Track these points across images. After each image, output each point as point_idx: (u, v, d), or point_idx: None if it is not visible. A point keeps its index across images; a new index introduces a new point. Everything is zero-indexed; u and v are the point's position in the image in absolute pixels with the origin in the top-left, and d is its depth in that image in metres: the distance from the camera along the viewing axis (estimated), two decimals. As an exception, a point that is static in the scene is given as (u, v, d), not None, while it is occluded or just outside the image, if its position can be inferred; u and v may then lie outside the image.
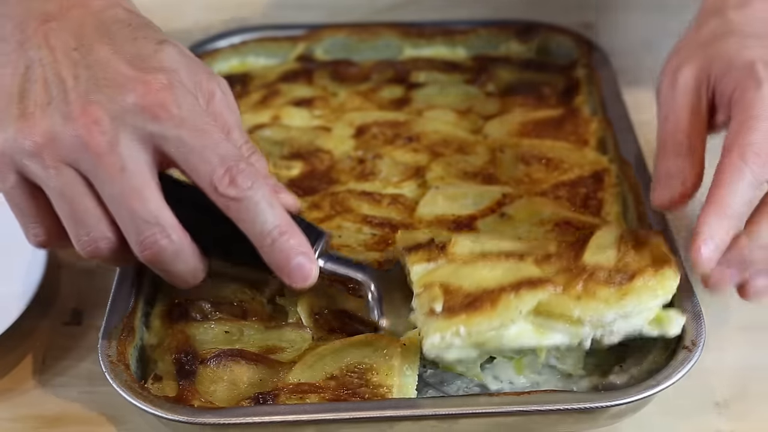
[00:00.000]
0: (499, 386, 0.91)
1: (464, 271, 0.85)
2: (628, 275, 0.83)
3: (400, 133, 1.12)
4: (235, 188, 0.79)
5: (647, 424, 0.89)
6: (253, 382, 0.85)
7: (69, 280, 1.06)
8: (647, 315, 0.84)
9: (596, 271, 0.84)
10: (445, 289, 0.83)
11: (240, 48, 1.27)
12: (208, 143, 0.80)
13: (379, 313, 0.88)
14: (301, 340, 0.89)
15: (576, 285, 0.83)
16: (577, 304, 0.82)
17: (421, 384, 0.91)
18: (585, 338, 0.83)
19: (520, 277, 0.83)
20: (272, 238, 0.81)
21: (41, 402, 0.93)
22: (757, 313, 1.00)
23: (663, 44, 1.38)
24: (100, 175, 0.79)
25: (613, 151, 1.08)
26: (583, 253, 0.86)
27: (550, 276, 0.84)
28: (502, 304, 0.81)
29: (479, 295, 0.82)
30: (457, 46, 1.28)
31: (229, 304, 0.93)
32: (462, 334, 0.80)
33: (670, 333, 0.84)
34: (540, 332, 0.83)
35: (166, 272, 0.84)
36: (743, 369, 0.95)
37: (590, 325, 0.82)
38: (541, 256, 0.87)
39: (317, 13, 1.40)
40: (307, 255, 0.83)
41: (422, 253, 0.88)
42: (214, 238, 0.84)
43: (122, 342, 0.86)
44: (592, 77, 1.19)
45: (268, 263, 0.83)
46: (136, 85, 0.80)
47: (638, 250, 0.86)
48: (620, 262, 0.85)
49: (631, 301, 0.82)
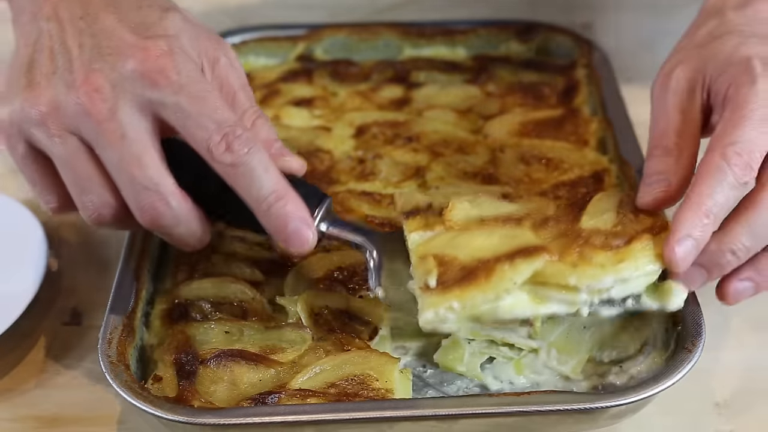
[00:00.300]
0: (499, 386, 0.91)
1: (460, 240, 0.84)
2: (625, 239, 0.81)
3: (400, 133, 1.12)
4: (231, 154, 0.80)
5: (647, 424, 0.89)
6: (253, 382, 0.85)
7: (69, 280, 1.06)
8: (646, 281, 0.81)
9: (593, 236, 0.82)
10: (440, 261, 0.81)
11: (240, 48, 1.27)
12: (205, 109, 0.81)
13: (376, 281, 0.87)
14: (301, 340, 0.89)
15: (572, 251, 0.80)
16: (573, 271, 0.80)
17: (421, 384, 0.91)
18: (582, 306, 0.81)
19: (516, 246, 0.81)
20: (268, 204, 0.81)
21: (41, 402, 0.93)
22: (757, 314, 1.00)
23: (662, 44, 1.38)
24: (101, 141, 0.80)
25: (613, 151, 1.08)
26: (581, 216, 0.85)
27: (547, 242, 0.82)
28: (497, 276, 0.79)
29: (474, 267, 0.80)
30: (457, 46, 1.28)
31: (229, 304, 0.93)
32: (456, 309, 0.79)
33: (670, 306, 0.82)
34: (536, 301, 0.81)
35: (168, 236, 0.85)
36: (743, 369, 0.95)
37: (587, 291, 0.81)
38: (539, 220, 0.85)
39: (317, 13, 1.40)
40: (304, 220, 0.82)
41: (420, 219, 0.87)
42: (218, 202, 0.84)
43: (122, 342, 0.86)
44: (592, 77, 1.19)
45: (266, 228, 0.83)
46: (136, 52, 0.81)
47: (637, 215, 0.84)
48: (618, 225, 0.83)
49: (628, 265, 0.80)
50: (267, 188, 0.81)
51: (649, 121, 0.90)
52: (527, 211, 0.87)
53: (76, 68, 0.81)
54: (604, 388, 0.89)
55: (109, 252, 1.09)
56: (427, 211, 0.88)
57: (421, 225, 0.86)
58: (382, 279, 0.87)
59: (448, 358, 0.92)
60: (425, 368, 0.93)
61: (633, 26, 1.42)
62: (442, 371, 0.93)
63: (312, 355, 0.87)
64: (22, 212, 1.07)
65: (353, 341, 0.88)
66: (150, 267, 0.95)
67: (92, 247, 1.10)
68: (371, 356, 0.86)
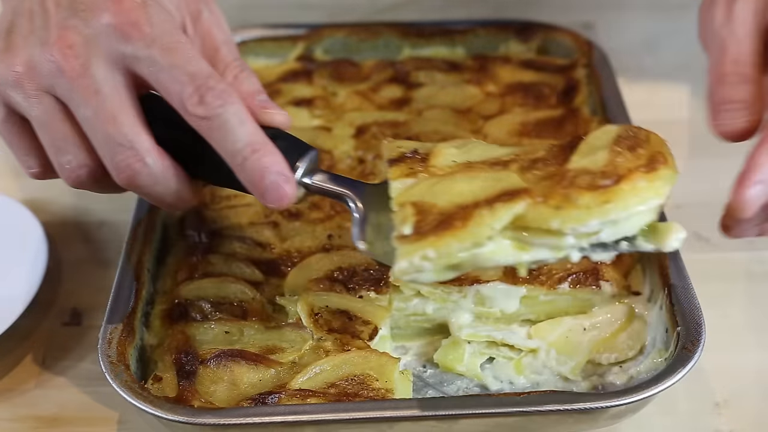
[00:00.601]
0: (499, 386, 0.91)
1: (441, 186, 0.79)
2: (614, 178, 0.75)
3: (400, 133, 1.12)
4: (204, 107, 0.78)
5: (647, 424, 0.90)
6: (253, 382, 0.85)
7: (69, 280, 1.06)
8: (639, 221, 0.76)
9: (580, 176, 0.76)
10: (419, 208, 0.77)
11: (240, 48, 1.26)
12: (178, 62, 0.79)
13: (359, 234, 0.84)
14: (301, 340, 0.89)
15: (557, 193, 0.75)
16: (555, 214, 0.75)
17: (421, 384, 0.91)
18: (570, 250, 0.77)
19: (498, 189, 0.77)
20: (243, 157, 0.79)
21: (41, 402, 0.93)
22: (757, 314, 1.00)
23: (662, 44, 1.39)
24: (75, 98, 0.79)
25: (613, 151, 1.07)
26: (571, 156, 0.80)
27: (532, 185, 0.77)
28: (474, 222, 0.74)
29: (452, 213, 0.75)
30: (457, 46, 1.28)
31: (229, 304, 0.93)
32: (431, 257, 0.75)
33: (666, 247, 0.77)
34: (520, 247, 0.77)
35: (148, 196, 0.83)
36: (743, 369, 0.95)
37: (573, 235, 0.75)
38: (528, 161, 0.81)
39: (317, 13, 1.40)
40: (282, 173, 0.80)
41: (404, 166, 0.83)
42: (198, 159, 0.82)
43: (122, 342, 0.86)
44: (592, 77, 1.19)
45: (243, 183, 0.80)
46: (110, 5, 0.80)
47: (635, 150, 0.78)
48: (610, 164, 0.77)
49: (615, 206, 0.75)
50: (242, 141, 0.78)
51: (648, 121, 0.90)
52: (517, 153, 0.83)
53: (51, 26, 0.80)
54: (604, 388, 0.89)
55: (109, 252, 1.09)
56: (413, 158, 0.84)
57: (404, 172, 0.83)
58: (368, 232, 0.83)
59: (448, 358, 0.92)
60: (425, 368, 0.93)
61: (633, 26, 1.42)
62: (442, 371, 0.93)
63: (312, 355, 0.87)
64: (22, 212, 1.07)
65: (353, 341, 0.88)
66: (150, 267, 0.96)
67: (92, 247, 1.10)
68: (371, 356, 0.86)
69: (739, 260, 1.07)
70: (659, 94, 1.30)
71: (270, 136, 0.80)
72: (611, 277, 0.94)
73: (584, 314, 0.94)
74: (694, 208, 1.12)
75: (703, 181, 1.16)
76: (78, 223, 1.13)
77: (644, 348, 0.91)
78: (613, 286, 0.94)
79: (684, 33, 1.40)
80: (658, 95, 1.30)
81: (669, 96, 1.30)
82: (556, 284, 0.93)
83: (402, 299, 0.94)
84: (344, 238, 0.98)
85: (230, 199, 1.04)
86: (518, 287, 0.92)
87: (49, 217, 1.10)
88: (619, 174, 0.76)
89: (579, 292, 0.93)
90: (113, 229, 1.11)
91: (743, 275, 1.05)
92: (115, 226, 1.11)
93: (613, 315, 0.93)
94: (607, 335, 0.92)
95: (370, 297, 0.92)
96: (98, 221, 1.13)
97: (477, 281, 0.92)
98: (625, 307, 0.93)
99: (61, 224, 1.12)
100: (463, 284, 0.92)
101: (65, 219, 1.12)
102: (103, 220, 1.13)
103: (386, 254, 0.80)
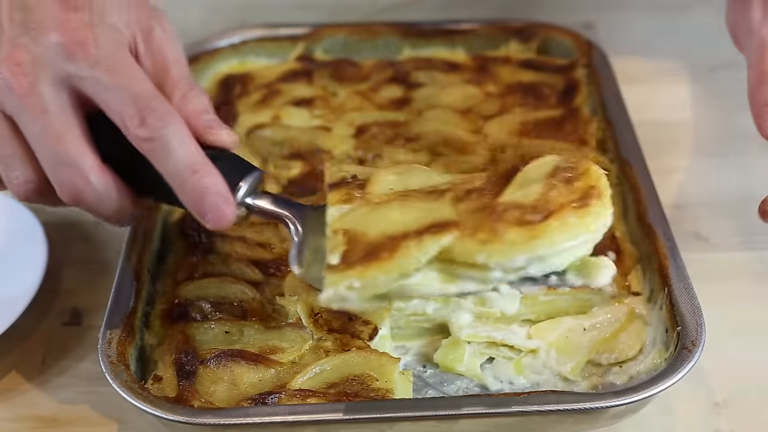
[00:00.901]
0: (499, 386, 0.91)
1: (375, 215, 0.79)
2: (543, 214, 0.74)
3: (400, 133, 1.12)
4: (145, 128, 0.79)
5: (647, 424, 0.89)
6: (253, 382, 0.85)
7: (69, 280, 1.06)
8: (568, 257, 0.76)
9: (509, 210, 0.76)
10: (350, 237, 0.78)
11: (240, 48, 1.27)
12: (122, 82, 0.79)
13: (296, 256, 0.83)
14: (301, 340, 0.89)
15: (484, 227, 0.75)
16: (482, 248, 0.74)
17: (421, 384, 0.91)
18: (497, 284, 0.76)
19: (429, 221, 0.76)
20: (183, 178, 0.79)
21: (41, 402, 0.93)
22: (757, 314, 1.00)
23: (662, 44, 1.39)
24: (23, 116, 0.79)
25: (613, 151, 1.08)
26: (506, 187, 0.79)
27: (463, 217, 0.76)
28: (401, 254, 0.74)
29: (380, 243, 0.75)
30: (457, 46, 1.28)
31: (229, 304, 0.93)
32: (356, 287, 0.75)
33: (595, 283, 0.76)
34: (447, 279, 0.77)
35: (92, 212, 0.84)
36: (743, 369, 0.95)
37: (499, 269, 0.75)
38: (464, 191, 0.80)
39: (317, 13, 1.40)
40: (221, 194, 0.80)
41: (342, 191, 0.83)
42: (144, 177, 0.82)
43: (122, 342, 0.86)
44: (592, 77, 1.19)
45: (184, 203, 0.81)
46: (58, 25, 0.80)
47: (570, 183, 0.77)
48: (542, 198, 0.76)
49: (542, 242, 0.74)
50: (182, 162, 0.79)
51: (649, 121, 0.90)
52: (455, 182, 0.82)
53: (3, 43, 0.81)
54: (604, 388, 0.89)
55: (109, 252, 1.09)
56: (352, 183, 0.84)
57: (342, 198, 0.82)
58: (306, 255, 0.83)
59: (448, 358, 0.92)
60: (425, 368, 0.93)
61: (633, 26, 1.42)
62: (442, 371, 0.93)
63: (312, 355, 0.87)
64: (22, 212, 1.07)
65: (353, 341, 0.88)
66: (150, 267, 0.96)
67: (92, 247, 1.10)
68: (371, 356, 0.86)
69: (739, 260, 1.07)
70: (659, 94, 1.30)
71: (213, 156, 0.81)
72: (611, 277, 0.94)
73: (584, 314, 0.93)
74: (694, 208, 1.12)
75: (703, 181, 1.16)
76: (78, 223, 1.12)
77: (644, 348, 0.91)
78: (613, 286, 0.94)
79: (684, 33, 1.41)
80: (658, 95, 1.30)
81: (669, 96, 1.30)
82: (556, 284, 0.93)
83: (402, 299, 0.93)
84: (344, 238, 0.98)
85: (230, 199, 1.04)
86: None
87: (49, 217, 1.10)
88: (549, 209, 0.75)
89: (579, 292, 0.93)
90: (113, 229, 1.10)
91: (743, 275, 1.05)
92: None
93: (613, 315, 0.93)
94: (607, 335, 0.92)
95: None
96: (98, 221, 1.13)
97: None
98: (625, 307, 0.93)
99: (61, 224, 1.12)
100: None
101: (65, 219, 1.12)
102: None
103: (319, 279, 0.79)
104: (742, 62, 0.95)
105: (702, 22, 1.40)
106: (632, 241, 0.98)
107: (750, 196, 1.13)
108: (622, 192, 1.03)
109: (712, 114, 1.27)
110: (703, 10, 1.41)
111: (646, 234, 0.95)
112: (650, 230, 0.95)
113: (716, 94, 1.29)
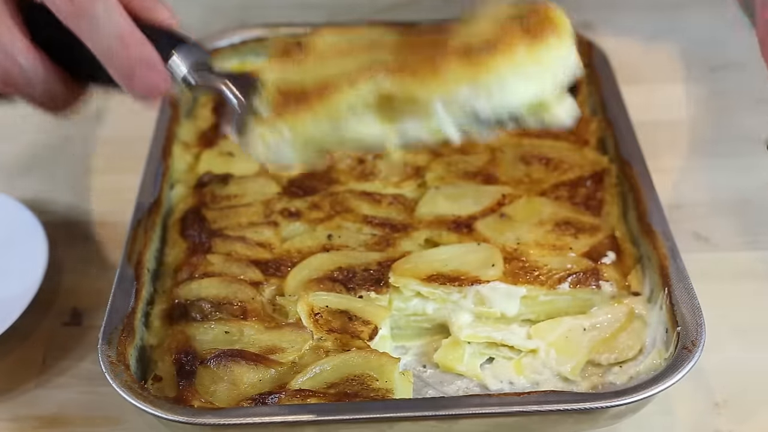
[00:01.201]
0: (499, 386, 0.91)
1: (312, 68, 0.77)
2: (492, 48, 0.70)
3: (400, 133, 1.12)
4: (73, 4, 0.78)
5: (647, 424, 0.90)
6: (253, 382, 0.85)
7: (69, 280, 1.06)
8: (520, 94, 0.72)
9: (455, 49, 0.71)
10: (284, 90, 0.75)
11: (240, 48, 1.27)
12: None
13: (236, 124, 0.80)
14: (301, 340, 0.89)
15: (425, 66, 0.71)
16: (421, 85, 0.71)
17: (421, 384, 0.91)
18: (441, 123, 0.73)
19: (366, 66, 0.73)
20: (112, 51, 0.79)
21: (41, 402, 0.93)
22: (757, 314, 1.00)
23: (662, 44, 1.39)
24: None
25: (613, 151, 1.07)
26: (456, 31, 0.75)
27: (404, 61, 0.73)
28: (330, 95, 0.72)
29: (313, 90, 0.73)
30: (457, 45, 1.28)
31: (229, 304, 0.93)
32: (286, 135, 0.74)
33: (555, 122, 0.73)
34: (386, 120, 0.74)
35: (27, 96, 0.83)
36: (743, 369, 0.95)
37: (442, 106, 0.72)
38: (408, 43, 0.77)
39: (317, 13, 1.40)
40: (150, 64, 0.79)
41: (284, 57, 0.80)
42: (80, 59, 0.81)
43: (122, 342, 0.86)
44: (592, 77, 1.19)
45: (114, 77, 0.80)
46: None
47: (528, 21, 0.72)
48: (493, 36, 0.71)
49: (486, 74, 0.70)
50: (110, 34, 0.78)
51: (648, 121, 0.90)
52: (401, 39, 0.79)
53: None
54: (604, 388, 0.89)
55: (109, 252, 1.09)
56: (294, 49, 0.81)
57: (282, 60, 0.80)
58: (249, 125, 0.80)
59: (448, 358, 0.92)
60: (425, 368, 0.93)
61: (633, 26, 1.42)
62: (442, 371, 0.93)
63: (312, 355, 0.87)
64: (22, 212, 1.07)
65: (353, 341, 0.88)
66: (150, 267, 0.95)
67: (92, 247, 1.10)
68: (371, 356, 0.86)
69: (739, 260, 1.06)
70: (659, 94, 1.30)
71: (150, 32, 0.80)
72: (611, 277, 0.94)
73: (584, 314, 0.94)
74: (694, 208, 1.12)
75: (703, 181, 1.16)
76: (78, 223, 1.13)
77: (644, 348, 0.91)
78: (613, 286, 0.94)
79: (683, 33, 1.41)
80: (658, 95, 1.30)
81: (669, 96, 1.30)
82: (556, 284, 0.93)
83: (402, 299, 0.94)
84: (344, 238, 0.98)
85: (230, 199, 1.04)
86: (518, 287, 0.92)
87: (49, 217, 1.10)
88: (501, 44, 0.71)
89: (579, 292, 0.93)
90: (113, 229, 1.11)
91: (743, 275, 1.05)
92: (115, 226, 1.11)
93: (613, 315, 0.93)
94: (607, 335, 0.92)
95: (370, 297, 0.92)
96: (98, 221, 1.13)
97: (477, 281, 0.92)
98: (625, 307, 0.93)
99: (61, 224, 1.12)
100: (463, 284, 0.92)
101: (65, 219, 1.13)
102: (103, 220, 1.13)
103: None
104: (741, 62, 0.95)
105: (701, 22, 1.40)
106: (632, 241, 0.98)
107: (750, 196, 1.13)
108: (622, 192, 1.03)
109: (711, 114, 1.27)
110: (702, 11, 1.41)
111: (645, 234, 0.95)
112: (650, 230, 0.95)
113: (716, 94, 1.29)
